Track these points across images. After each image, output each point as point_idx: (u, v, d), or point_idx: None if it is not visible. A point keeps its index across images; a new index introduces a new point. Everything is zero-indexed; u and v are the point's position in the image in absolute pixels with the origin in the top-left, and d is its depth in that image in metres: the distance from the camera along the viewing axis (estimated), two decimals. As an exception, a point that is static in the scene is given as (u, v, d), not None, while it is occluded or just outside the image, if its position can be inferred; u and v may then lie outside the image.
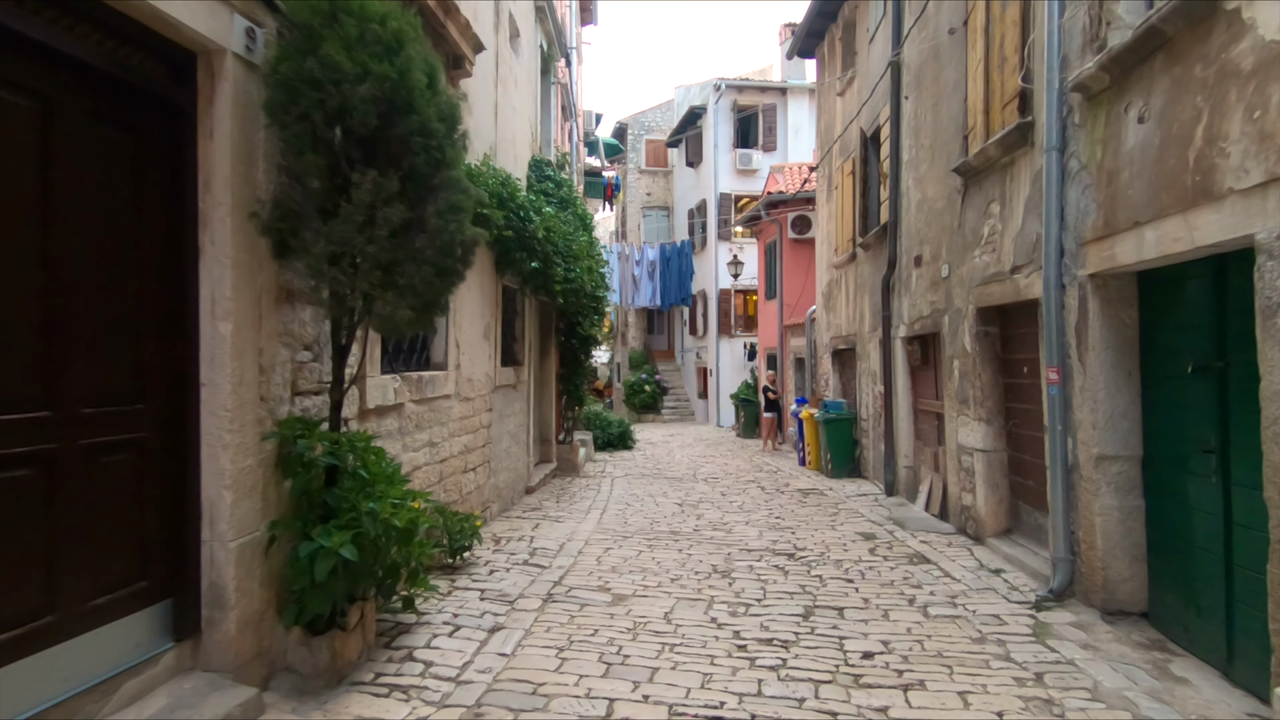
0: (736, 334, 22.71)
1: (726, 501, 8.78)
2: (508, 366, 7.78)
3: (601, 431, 15.16)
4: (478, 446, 6.56)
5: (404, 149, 3.16)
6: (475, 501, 6.52)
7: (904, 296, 8.24)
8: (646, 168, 28.71)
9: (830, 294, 12.41)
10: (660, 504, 8.56)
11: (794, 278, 16.01)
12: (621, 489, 9.72)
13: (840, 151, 11.49)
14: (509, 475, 7.83)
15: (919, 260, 7.66)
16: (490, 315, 6.94)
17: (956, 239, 6.51)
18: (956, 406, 6.58)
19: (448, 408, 5.65)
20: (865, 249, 9.95)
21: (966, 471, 6.36)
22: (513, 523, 7.09)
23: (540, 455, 10.48)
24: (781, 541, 6.53)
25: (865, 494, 9.06)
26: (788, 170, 17.19)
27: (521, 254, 6.91)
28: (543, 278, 7.61)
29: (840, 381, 12.31)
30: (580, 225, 9.45)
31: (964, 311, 6.32)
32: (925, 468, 8.02)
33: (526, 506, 8.04)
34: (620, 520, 7.46)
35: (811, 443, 11.64)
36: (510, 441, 7.90)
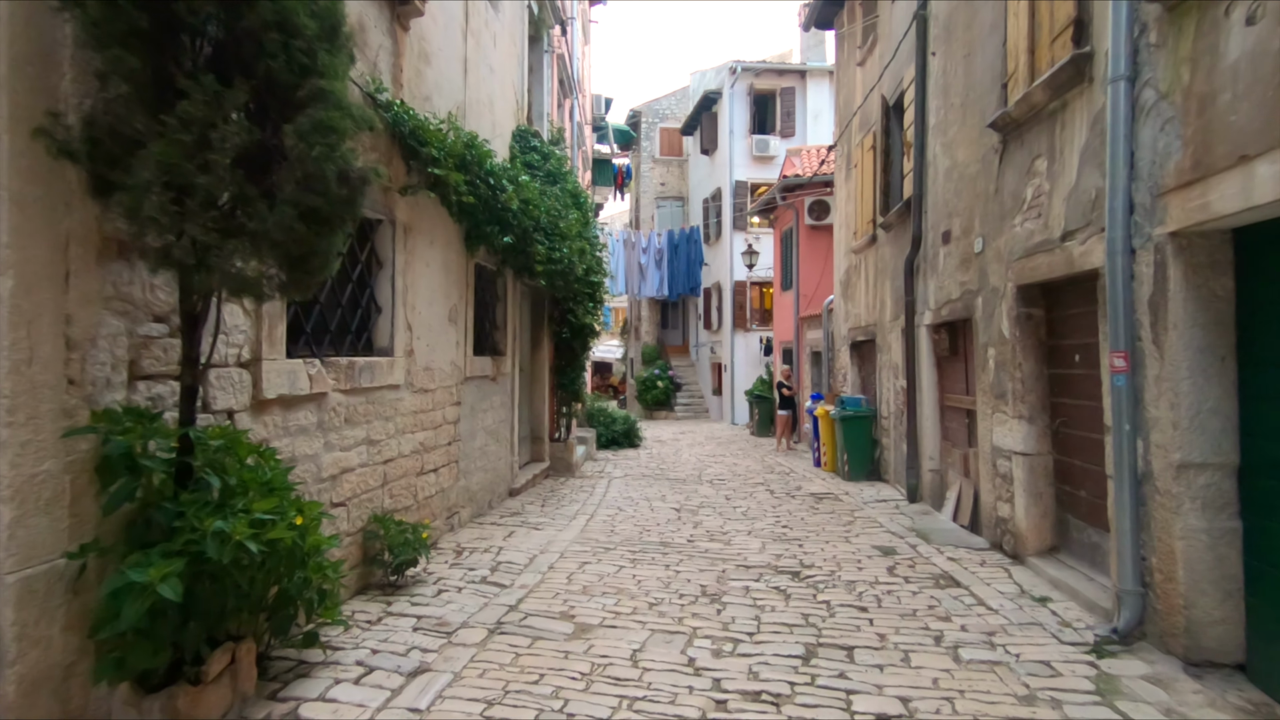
0: (752, 328, 21.76)
1: (730, 507, 7.93)
2: (483, 356, 7.00)
3: (605, 429, 14.36)
4: (440, 445, 5.78)
5: (257, 50, 2.36)
6: (438, 507, 5.75)
7: (930, 279, 7.32)
8: (660, 157, 27.82)
9: (848, 281, 11.48)
10: (656, 509, 7.73)
11: (811, 266, 15.08)
12: (617, 491, 8.91)
13: (860, 126, 10.55)
14: (485, 477, 7.05)
15: (947, 236, 6.74)
16: (458, 297, 6.15)
17: (992, 207, 5.59)
18: (991, 402, 5.66)
19: (394, 400, 4.87)
20: (886, 229, 9.02)
21: (1003, 478, 5.45)
22: (484, 530, 6.31)
23: (531, 454, 9.71)
24: (786, 556, 5.67)
25: (885, 500, 8.15)
26: (805, 154, 16.23)
27: (493, 227, 6.11)
28: (521, 256, 6.81)
29: (859, 376, 11.38)
30: (573, 203, 8.63)
31: (1001, 291, 5.40)
32: (953, 471, 7.10)
33: (506, 511, 7.26)
34: (607, 529, 6.64)
35: (827, 442, 10.74)
36: (487, 439, 7.12)
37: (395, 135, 4.71)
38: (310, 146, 2.33)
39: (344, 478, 4.21)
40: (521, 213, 6.38)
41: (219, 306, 2.62)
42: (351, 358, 4.32)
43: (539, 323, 9.73)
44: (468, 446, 6.50)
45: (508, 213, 6.18)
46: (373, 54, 4.52)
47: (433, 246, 5.54)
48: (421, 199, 5.26)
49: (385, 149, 4.68)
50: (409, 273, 5.09)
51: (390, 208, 4.78)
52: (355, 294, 4.55)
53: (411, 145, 4.77)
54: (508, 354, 7.81)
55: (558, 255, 7.30)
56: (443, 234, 5.75)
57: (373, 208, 4.57)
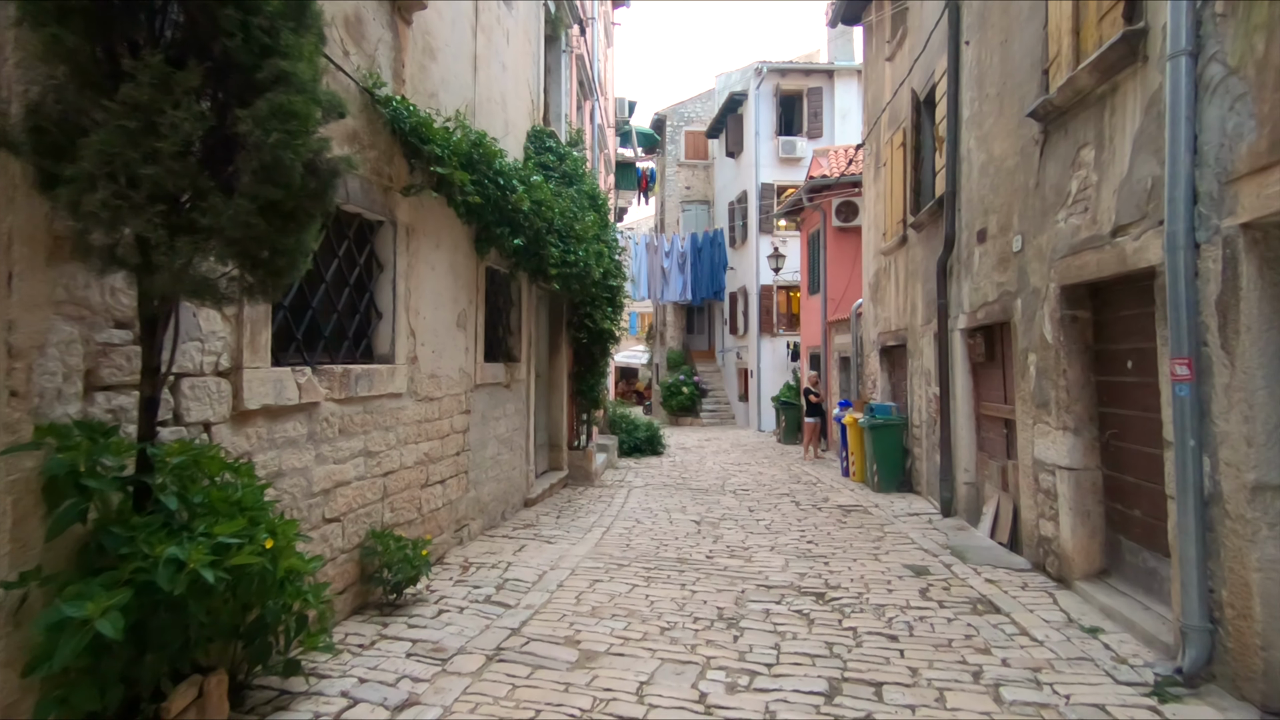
0: (779, 333, 21.33)
1: (753, 519, 7.59)
2: (496, 362, 6.78)
3: (628, 436, 14.10)
4: (448, 455, 5.55)
5: (213, 28, 2.14)
6: (445, 519, 5.52)
7: (964, 280, 6.92)
8: (686, 160, 27.52)
9: (878, 284, 11.07)
10: (675, 522, 7.43)
11: (839, 270, 14.66)
12: (636, 502, 8.62)
13: (889, 123, 10.17)
14: (497, 487, 6.82)
15: (983, 235, 6.35)
16: (467, 301, 5.93)
17: (1033, 202, 5.21)
18: (1032, 412, 5.27)
19: (396, 409, 4.65)
20: (917, 229, 8.63)
21: (1046, 494, 5.05)
22: (494, 544, 6.07)
23: (549, 462, 9.47)
24: (811, 575, 5.33)
25: (917, 513, 7.74)
26: (832, 154, 15.83)
27: (503, 229, 5.89)
28: (534, 259, 6.58)
29: (889, 382, 10.95)
30: (590, 205, 8.39)
31: (1043, 292, 5.01)
32: (990, 485, 6.68)
33: (520, 523, 7.02)
34: (622, 543, 6.36)
35: (856, 452, 10.33)
36: (500, 448, 6.89)
37: (396, 132, 4.50)
38: (267, 133, 2.09)
39: (338, 492, 3.99)
40: (533, 214, 6.14)
41: (176, 311, 2.40)
42: (347, 365, 4.10)
43: (557, 328, 9.50)
44: (478, 456, 6.27)
45: (518, 214, 5.95)
46: (371, 47, 4.32)
47: (438, 249, 5.33)
48: (426, 200, 5.05)
49: (385, 146, 4.47)
50: (412, 276, 4.88)
51: (391, 209, 4.58)
52: (353, 298, 4.35)
53: (413, 143, 4.56)
54: (522, 360, 7.58)
55: (573, 258, 7.06)
56: (450, 236, 5.54)
57: (372, 208, 4.37)
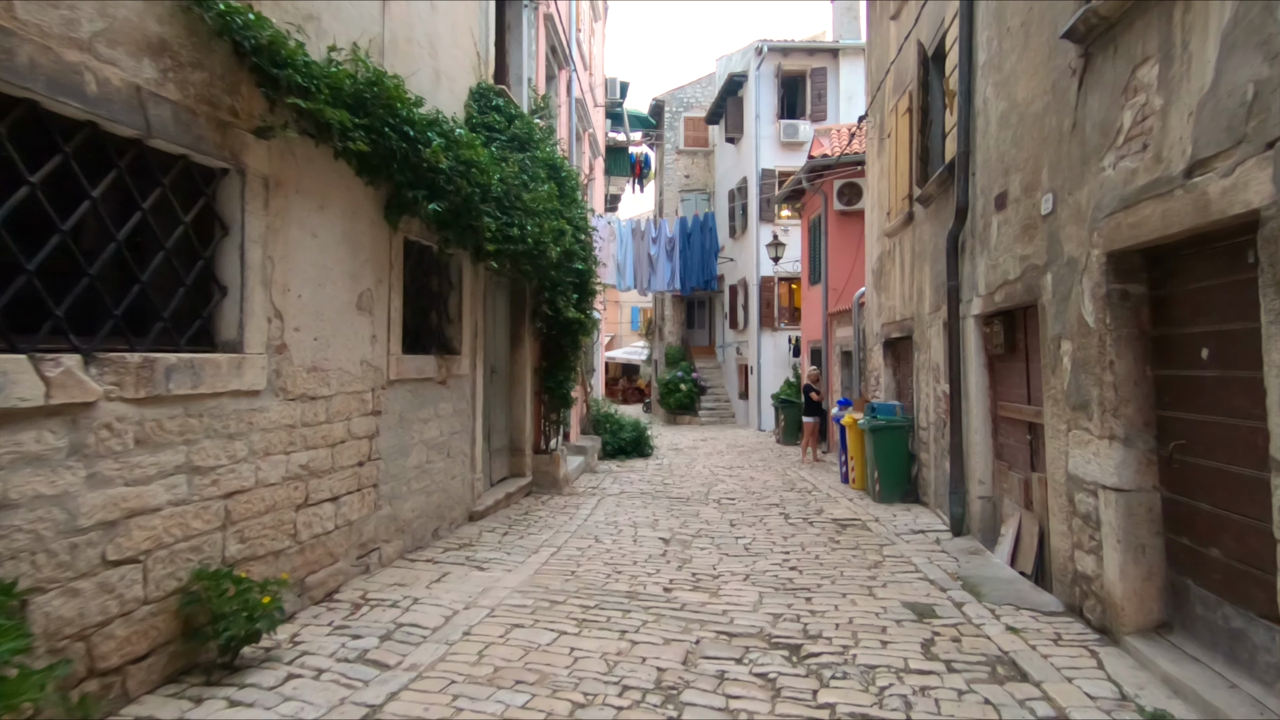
0: (780, 327, 20.23)
1: (732, 537, 6.54)
2: (423, 354, 5.75)
3: (612, 437, 13.07)
4: (342, 466, 4.53)
5: None
6: (341, 545, 4.50)
7: (978, 257, 5.84)
8: (685, 148, 26.43)
9: (881, 270, 9.98)
10: (641, 540, 6.39)
11: (841, 257, 13.56)
12: (603, 514, 7.59)
13: (894, 88, 9.06)
14: (426, 501, 5.80)
15: (1002, 200, 5.26)
16: (374, 279, 4.91)
17: (1069, 149, 4.12)
18: (1066, 415, 4.19)
19: (247, 411, 3.63)
20: (925, 203, 7.54)
21: (1084, 519, 3.97)
22: (410, 572, 5.04)
23: (509, 468, 8.45)
24: (787, 618, 4.27)
25: (923, 530, 6.67)
26: (834, 133, 14.71)
27: (418, 192, 4.85)
28: (465, 232, 5.53)
29: (894, 379, 9.86)
30: (549, 176, 7.35)
31: (1082, 263, 3.93)
32: (1010, 500, 5.60)
33: (456, 542, 5.99)
34: (568, 569, 5.32)
35: (856, 456, 9.25)
36: (431, 455, 5.87)
37: (240, 52, 3.47)
38: None
39: (135, 523, 2.97)
40: (458, 175, 5.10)
41: None
42: (153, 353, 3.08)
43: (519, 318, 8.47)
44: (395, 466, 5.25)
45: (436, 174, 4.91)
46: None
47: (325, 212, 4.30)
48: (304, 150, 4.03)
49: (222, 69, 3.43)
50: (277, 243, 3.85)
51: (237, 153, 3.54)
52: (174, 266, 3.32)
53: (264, 68, 3.53)
54: (464, 353, 6.55)
55: (517, 232, 6.01)
56: (344, 198, 4.51)
57: (201, 149, 3.33)
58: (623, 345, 36.96)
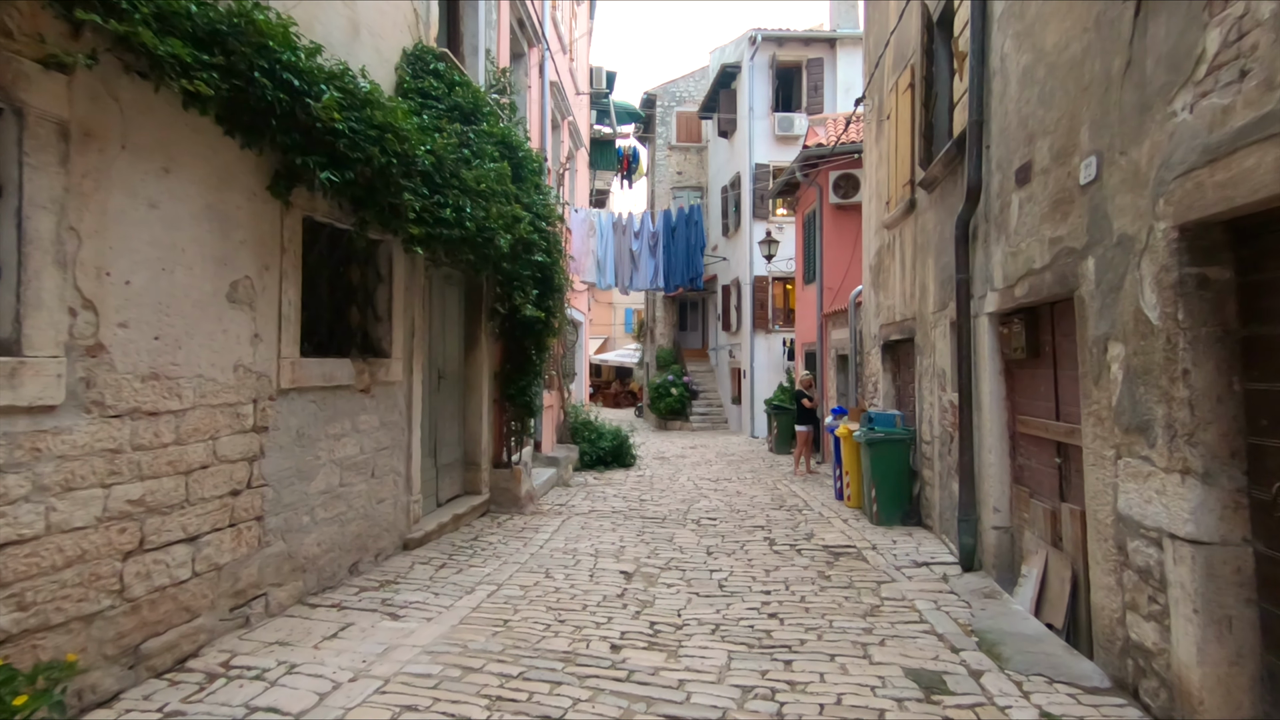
0: (775, 329, 19.34)
1: (706, 570, 5.63)
2: (337, 357, 4.84)
3: (590, 446, 12.14)
4: (208, 497, 3.62)
5: None
6: (202, 597, 3.59)
7: (995, 244, 4.93)
8: (677, 143, 25.54)
9: (880, 266, 9.08)
10: (600, 574, 5.48)
11: (837, 254, 12.67)
12: (564, 539, 6.67)
13: (894, 64, 8.18)
14: (339, 531, 4.88)
15: (1025, 173, 4.36)
16: (256, 265, 4.00)
17: (1120, 97, 3.22)
18: (1115, 438, 3.28)
19: (29, 435, 2.71)
20: (929, 188, 6.64)
21: (1143, 575, 3.06)
22: (303, 623, 4.12)
23: (462, 485, 7.54)
24: (760, 694, 3.36)
25: (927, 562, 5.76)
26: (830, 122, 13.82)
27: (312, 157, 3.94)
28: (381, 210, 4.62)
29: (893, 386, 8.97)
30: (502, 154, 6.44)
31: (1141, 240, 3.03)
32: (1032, 534, 4.69)
33: (378, 578, 5.08)
34: (502, 616, 4.41)
35: (851, 471, 8.34)
36: (349, 477, 4.96)
37: (14, -49, 2.57)
38: None
39: None
40: (366, 141, 4.20)
41: None
42: None
43: (474, 317, 7.56)
44: (292, 492, 4.34)
45: (337, 137, 4.01)
46: None
47: (171, 177, 3.40)
48: (138, 95, 3.12)
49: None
50: (87, 212, 2.94)
51: (9, 87, 2.64)
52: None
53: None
54: (396, 355, 5.64)
55: (451, 214, 5.10)
56: (204, 161, 3.60)
57: (-55, 76, 2.44)
58: (616, 348, 36.07)
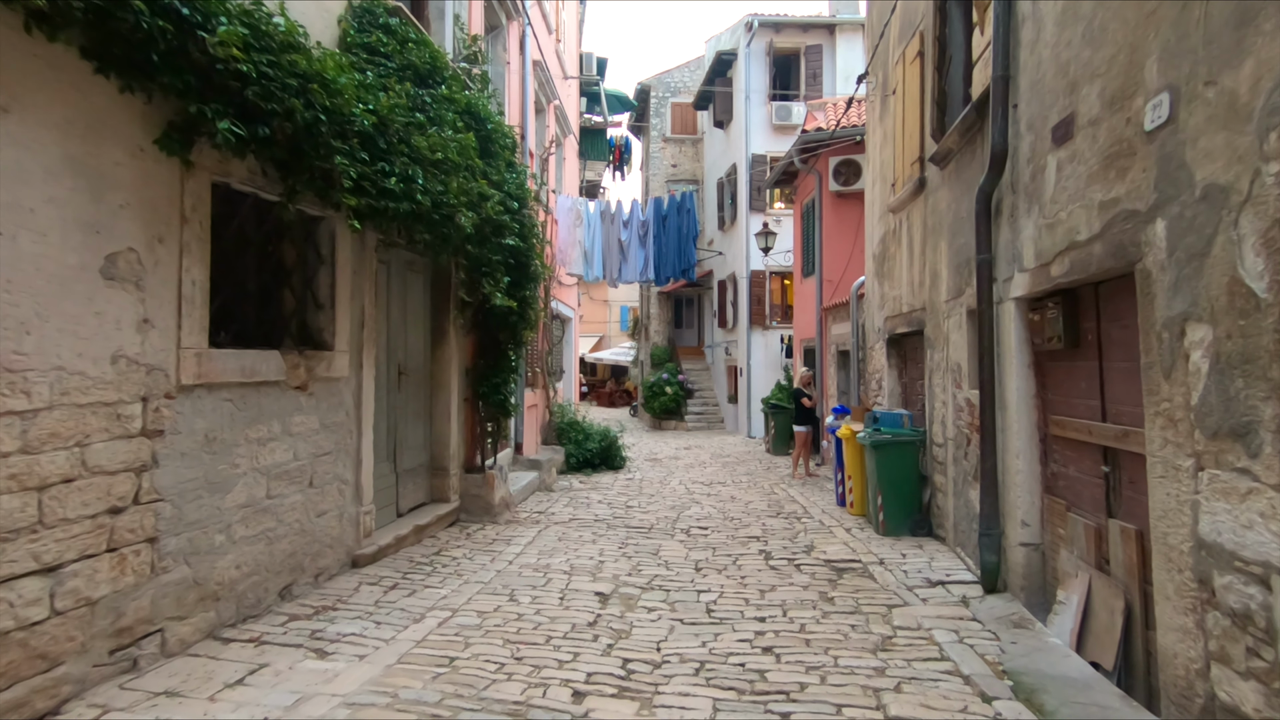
0: (772, 325, 18.69)
1: (694, 590, 4.97)
2: (260, 349, 4.16)
3: (577, 448, 11.47)
4: (75, 518, 2.95)
5: None
6: (65, 641, 2.92)
7: (1024, 217, 4.27)
8: (672, 135, 24.87)
9: (884, 254, 8.42)
10: (572, 596, 4.82)
11: (837, 244, 12.02)
12: (537, 553, 6.00)
13: (901, 34, 7.52)
14: (267, 551, 4.21)
15: (1066, 128, 3.69)
16: (143, 234, 3.33)
17: (1203, 14, 2.55)
18: (1196, 443, 2.62)
19: None
20: (942, 163, 5.98)
21: (1240, 620, 2.40)
22: (208, 664, 3.45)
23: (429, 492, 6.87)
24: (748, 764, 2.70)
25: (943, 581, 5.09)
26: (830, 106, 13.16)
27: (213, 105, 3.27)
28: (310, 176, 3.94)
29: (899, 383, 8.31)
30: (468, 125, 5.77)
31: (1240, 191, 2.36)
32: (1070, 554, 4.02)
33: (316, 603, 4.40)
34: (449, 652, 3.74)
35: (855, 475, 7.68)
36: (275, 487, 4.29)
37: None
38: None
39: None
40: (285, 90, 3.52)
41: None
42: None
43: (442, 307, 6.89)
44: (199, 507, 3.66)
45: (246, 83, 3.33)
46: None
47: (8, 117, 2.72)
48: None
49: None
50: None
51: None
52: None
53: None
54: (341, 347, 4.97)
55: (397, 185, 4.42)
56: (63, 101, 2.92)
57: None
58: (611, 346, 35.44)
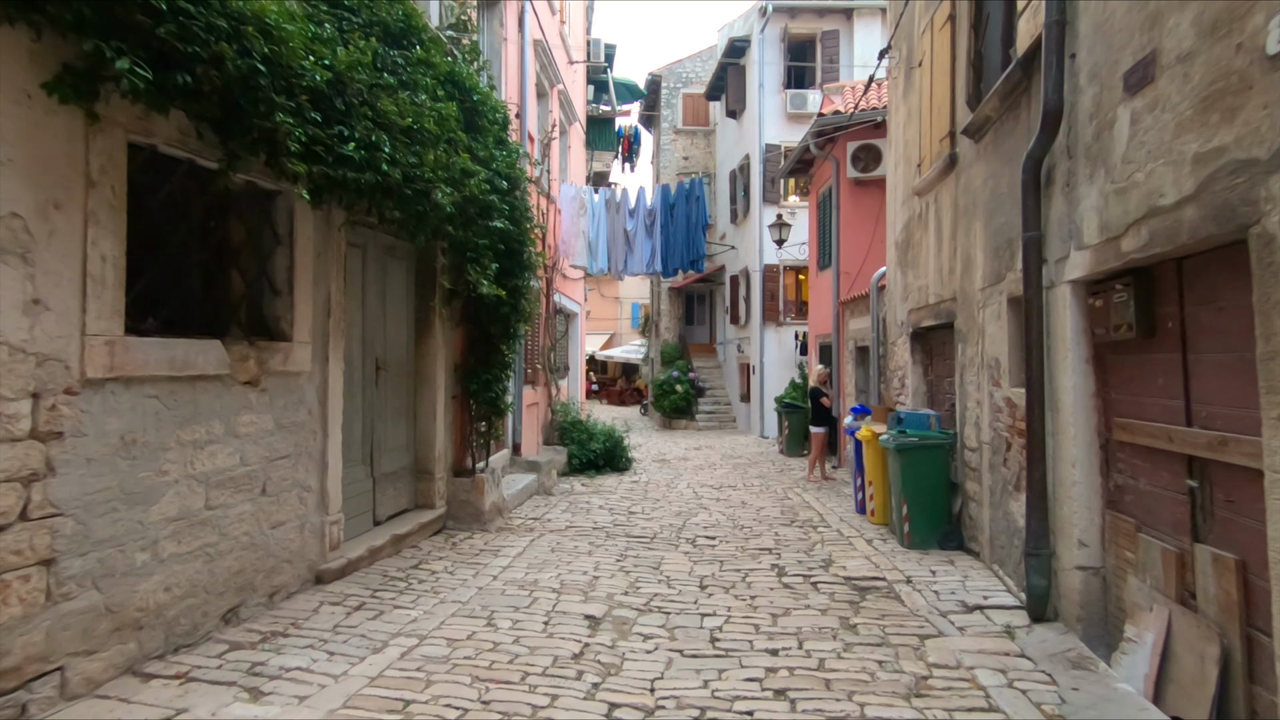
0: (786, 322, 18.06)
1: (697, 614, 4.39)
2: (196, 338, 3.62)
3: (580, 448, 10.90)
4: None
5: None
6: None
7: (1086, 184, 3.64)
8: (684, 127, 24.23)
9: (909, 241, 7.78)
10: (558, 621, 4.24)
11: (856, 234, 11.37)
12: (525, 567, 5.43)
13: (927, 2, 6.87)
14: (206, 570, 3.67)
15: (1143, 71, 3.06)
16: (33, 198, 2.78)
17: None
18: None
19: None
20: (977, 134, 5.35)
21: None
22: (110, 711, 2.91)
23: (413, 497, 6.33)
24: None
25: (980, 605, 4.47)
26: (848, 90, 12.49)
27: (112, 44, 2.73)
28: (251, 138, 3.38)
29: (925, 380, 7.67)
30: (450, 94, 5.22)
31: None
32: (1141, 582, 3.39)
33: (265, 627, 3.86)
34: (406, 693, 3.18)
35: (876, 480, 7.06)
36: (216, 497, 3.74)
37: None
38: None
39: None
40: (209, 31, 2.97)
41: None
42: None
43: (426, 296, 6.34)
44: (114, 522, 3.12)
45: (153, 19, 2.78)
46: None
47: None
48: None
49: None
50: None
51: None
52: None
53: None
54: (302, 338, 4.43)
55: (358, 153, 3.86)
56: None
57: None
58: (622, 344, 34.90)
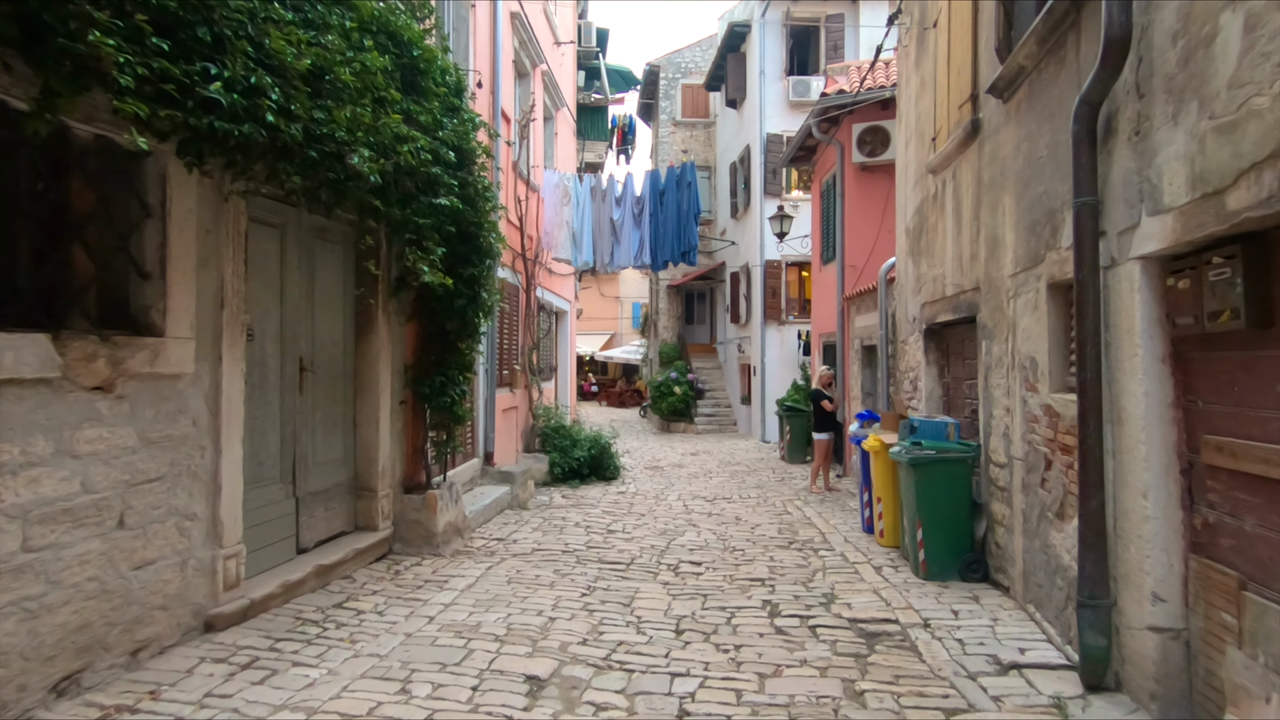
0: (788, 320, 17.18)
1: (666, 672, 3.54)
2: (6, 331, 2.79)
3: (562, 456, 10.04)
4: None
5: None
6: None
7: (1169, 125, 2.76)
8: (683, 119, 23.36)
9: (921, 226, 6.91)
10: (490, 684, 3.39)
11: (862, 224, 10.51)
12: (470, 605, 4.58)
13: (944, -51, 6.00)
14: (25, 629, 2.82)
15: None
16: None
17: None
18: None
19: None
20: (1009, 90, 4.48)
21: None
22: None
23: (353, 517, 5.50)
24: None
25: (1018, 660, 3.59)
26: (853, 70, 11.61)
27: None
28: (61, 71, 2.55)
29: (940, 383, 6.81)
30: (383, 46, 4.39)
31: None
32: (1251, 657, 2.51)
33: (106, 700, 3.02)
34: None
35: (886, 497, 6.19)
36: (43, 534, 2.91)
37: None
38: None
39: None
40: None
41: None
42: None
43: (369, 288, 5.50)
44: None
45: None
46: None
47: None
48: None
49: None
50: None
51: None
52: None
53: None
54: (180, 333, 3.60)
55: (227, 97, 3.02)
56: None
57: None
58: (623, 344, 34.06)
